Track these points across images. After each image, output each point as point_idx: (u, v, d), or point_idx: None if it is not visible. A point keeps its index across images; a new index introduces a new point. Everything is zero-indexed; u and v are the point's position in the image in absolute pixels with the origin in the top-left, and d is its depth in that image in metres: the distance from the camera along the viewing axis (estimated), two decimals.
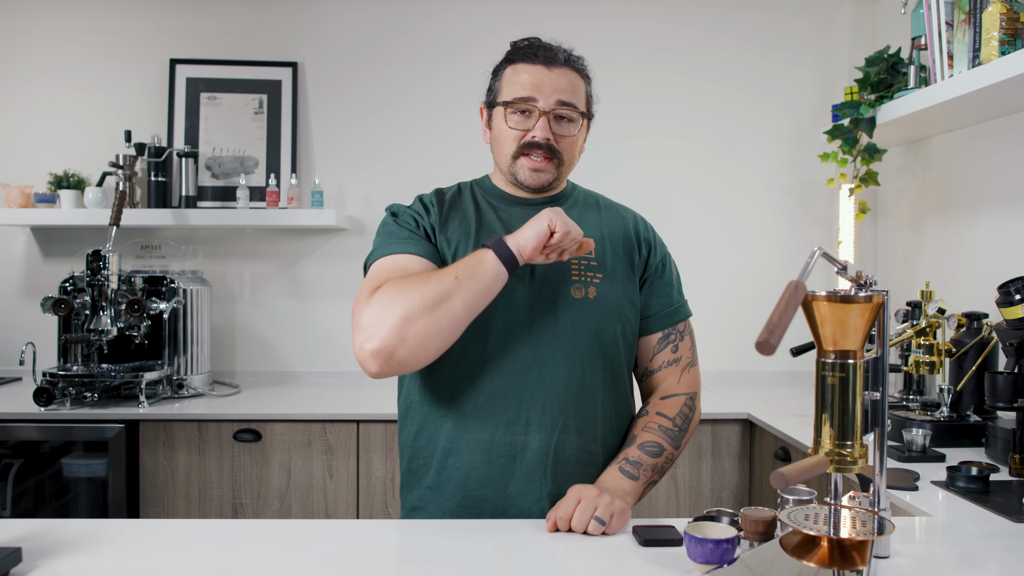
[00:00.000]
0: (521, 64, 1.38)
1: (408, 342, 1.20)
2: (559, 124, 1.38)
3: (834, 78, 2.98)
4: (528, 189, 1.42)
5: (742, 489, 2.43)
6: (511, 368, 1.34)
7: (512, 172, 1.40)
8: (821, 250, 0.96)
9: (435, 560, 1.14)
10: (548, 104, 1.36)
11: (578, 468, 1.36)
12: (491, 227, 1.41)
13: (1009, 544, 1.25)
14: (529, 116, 1.37)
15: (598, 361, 1.38)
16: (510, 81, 1.39)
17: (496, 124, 1.42)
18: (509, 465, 1.34)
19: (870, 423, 0.99)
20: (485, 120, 1.46)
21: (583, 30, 2.90)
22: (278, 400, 2.57)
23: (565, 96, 1.37)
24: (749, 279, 2.98)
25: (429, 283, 1.22)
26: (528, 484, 1.34)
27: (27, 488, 2.40)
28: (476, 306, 1.24)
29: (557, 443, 1.34)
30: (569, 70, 1.39)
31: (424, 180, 2.80)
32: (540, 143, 1.36)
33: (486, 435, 1.34)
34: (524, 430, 1.34)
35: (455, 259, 1.36)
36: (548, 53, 1.38)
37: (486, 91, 1.47)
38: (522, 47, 1.40)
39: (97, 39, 2.95)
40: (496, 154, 1.44)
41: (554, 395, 1.34)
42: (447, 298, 1.21)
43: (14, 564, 1.07)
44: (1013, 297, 1.74)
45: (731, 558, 1.05)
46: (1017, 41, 1.87)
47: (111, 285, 2.48)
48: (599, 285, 1.39)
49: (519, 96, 1.36)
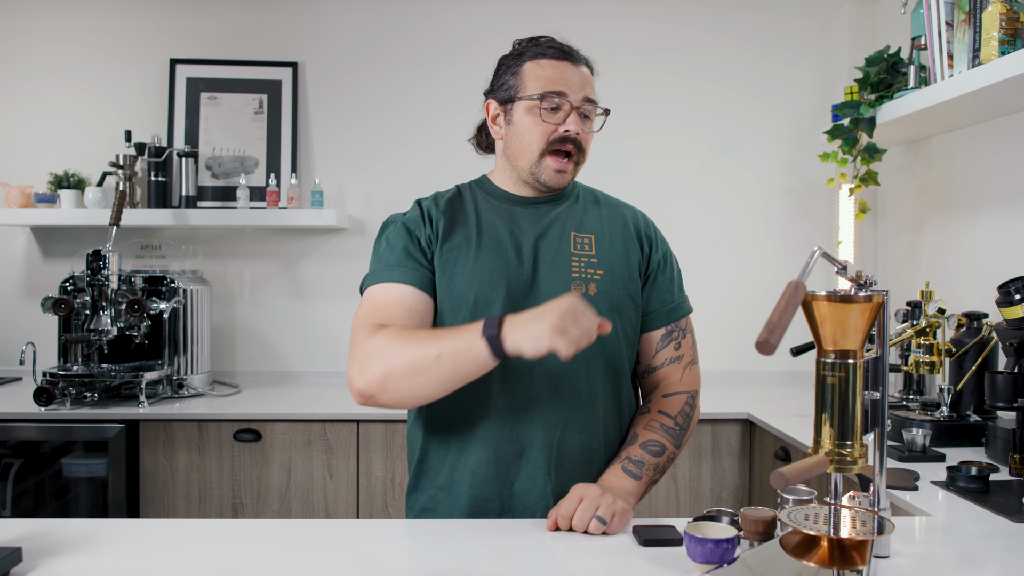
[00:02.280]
0: (546, 60, 1.37)
1: (387, 394, 1.24)
2: (583, 121, 1.38)
3: (834, 78, 2.98)
4: (548, 189, 1.41)
5: (742, 489, 2.43)
6: (517, 366, 1.33)
7: (535, 172, 1.38)
8: (821, 250, 0.96)
9: (435, 560, 1.14)
10: (577, 99, 1.36)
11: (580, 465, 1.36)
12: (492, 234, 1.39)
13: (1009, 544, 1.25)
14: (558, 111, 1.36)
15: (599, 358, 1.38)
16: (534, 76, 1.37)
17: (519, 119, 1.38)
18: (515, 462, 1.35)
19: (870, 423, 0.99)
20: (493, 116, 1.43)
21: (583, 30, 2.90)
22: (278, 400, 2.57)
23: (589, 93, 1.38)
24: (749, 279, 2.98)
25: (414, 350, 1.22)
26: (533, 481, 1.34)
27: (27, 488, 2.40)
28: (453, 384, 1.23)
29: (560, 440, 1.35)
30: (586, 68, 1.40)
31: (424, 180, 2.80)
32: (572, 138, 1.36)
33: (493, 432, 1.35)
34: (529, 427, 1.34)
35: (455, 271, 1.34)
36: (568, 49, 1.39)
37: (495, 87, 1.43)
38: (544, 42, 1.40)
39: (97, 39, 2.95)
40: (515, 151, 1.40)
41: (556, 392, 1.35)
42: (425, 371, 1.21)
43: (14, 564, 1.07)
44: (1013, 297, 1.74)
45: (731, 558, 1.05)
46: (1017, 41, 1.87)
47: (111, 285, 2.48)
48: (599, 282, 1.39)
49: (551, 90, 1.35)
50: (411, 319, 1.32)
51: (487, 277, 1.36)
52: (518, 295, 1.35)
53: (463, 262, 1.37)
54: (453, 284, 1.36)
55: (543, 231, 1.41)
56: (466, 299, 1.35)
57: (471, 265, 1.36)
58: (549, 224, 1.42)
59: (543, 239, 1.40)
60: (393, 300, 1.33)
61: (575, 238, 1.41)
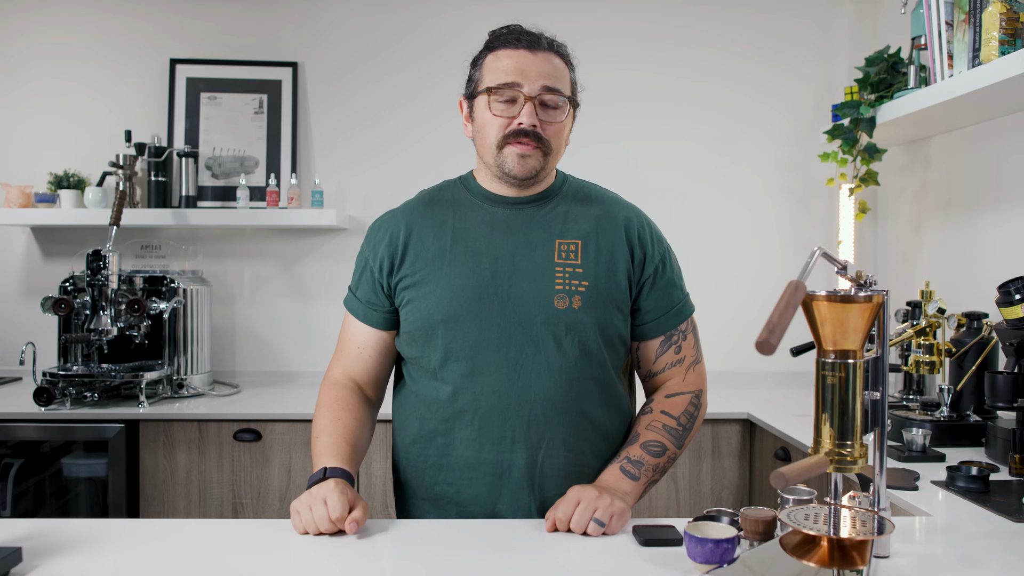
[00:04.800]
0: (503, 50, 1.33)
1: None
2: (545, 111, 1.32)
3: (834, 78, 2.98)
4: (515, 179, 1.33)
5: (742, 489, 2.43)
6: (494, 385, 1.31)
7: (498, 164, 1.33)
8: (821, 250, 0.96)
9: (434, 559, 1.14)
10: (533, 89, 1.29)
11: (566, 482, 1.33)
12: (468, 244, 1.35)
13: (1009, 544, 1.25)
14: (514, 103, 1.30)
15: (585, 372, 1.33)
16: (491, 68, 1.33)
17: (479, 114, 1.35)
18: (496, 484, 1.33)
19: (870, 423, 0.99)
20: (466, 114, 1.40)
21: (583, 31, 2.90)
22: (278, 400, 2.57)
23: (550, 81, 1.31)
24: (749, 279, 2.98)
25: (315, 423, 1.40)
26: (516, 502, 1.33)
27: (27, 488, 2.40)
28: None
29: (543, 459, 1.32)
30: (553, 55, 1.33)
31: (424, 181, 2.76)
32: (527, 130, 1.29)
33: (472, 454, 1.33)
34: (510, 447, 1.32)
35: (427, 289, 1.34)
36: (530, 37, 1.32)
37: (465, 84, 1.41)
38: (502, 33, 1.35)
39: (97, 39, 2.95)
40: (480, 146, 1.37)
41: (539, 410, 1.31)
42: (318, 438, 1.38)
43: (14, 564, 1.07)
44: (1013, 297, 1.74)
45: (731, 558, 1.05)
46: (1017, 41, 1.87)
47: (111, 285, 2.48)
48: (584, 294, 1.32)
49: (503, 82, 1.30)
50: (360, 356, 1.44)
51: (457, 295, 1.31)
52: (491, 311, 1.31)
53: (434, 279, 1.33)
54: (425, 301, 1.33)
55: (524, 237, 1.35)
56: (435, 318, 1.32)
57: (442, 283, 1.33)
58: (532, 229, 1.36)
59: (524, 248, 1.34)
60: (348, 334, 1.46)
61: (559, 246, 1.35)
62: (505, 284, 1.32)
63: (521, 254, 1.34)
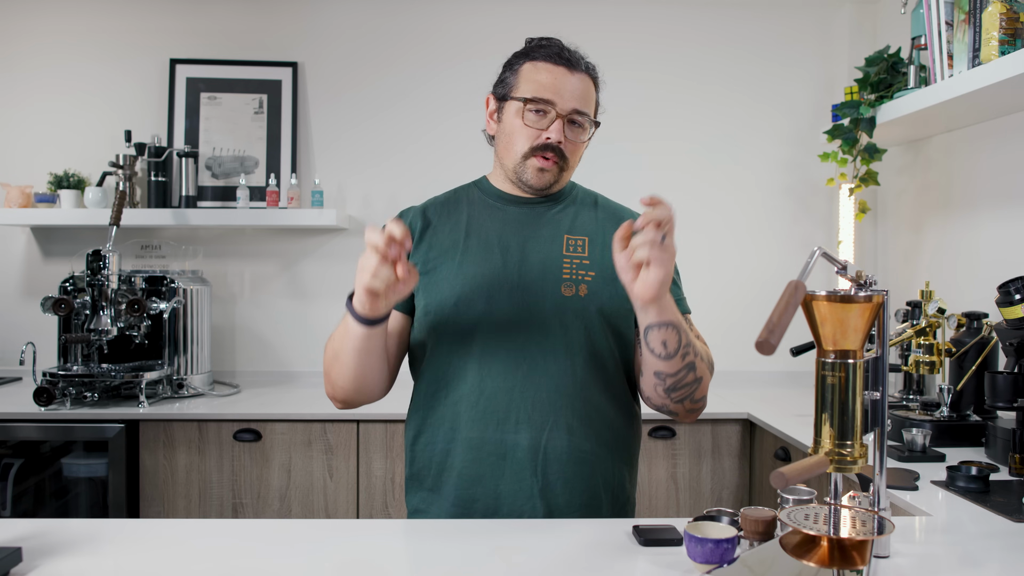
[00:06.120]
0: (543, 63, 1.37)
1: (336, 389, 1.38)
2: (571, 129, 1.38)
3: (834, 78, 2.99)
4: (531, 190, 1.41)
5: (742, 489, 2.43)
6: (500, 367, 1.34)
7: (518, 172, 1.39)
8: (821, 250, 0.96)
9: (434, 560, 1.14)
10: (565, 108, 1.35)
11: (570, 466, 1.34)
12: (481, 237, 1.40)
13: (1009, 544, 1.25)
14: (544, 116, 1.36)
15: (590, 358, 1.37)
16: (529, 78, 1.37)
17: (508, 119, 1.40)
18: (499, 464, 1.34)
19: (870, 423, 0.99)
20: (491, 111, 1.44)
21: (583, 31, 2.90)
22: (278, 400, 2.58)
23: (580, 104, 1.37)
24: (749, 279, 2.98)
25: (330, 346, 1.38)
26: (519, 483, 1.34)
27: (27, 488, 2.40)
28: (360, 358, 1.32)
29: (547, 441, 1.34)
30: (586, 77, 1.39)
31: (424, 181, 2.81)
32: (553, 145, 1.36)
33: (476, 434, 1.34)
34: (514, 428, 1.34)
35: (439, 275, 1.37)
36: (571, 56, 1.38)
37: (496, 81, 1.44)
38: (545, 44, 1.39)
39: (97, 39, 2.95)
40: (502, 149, 1.42)
41: (544, 393, 1.34)
42: (338, 356, 1.34)
43: (14, 564, 1.07)
44: (1013, 297, 1.74)
45: (731, 558, 1.05)
46: (1017, 41, 1.87)
47: (111, 285, 2.48)
48: (591, 283, 1.38)
49: (539, 96, 1.35)
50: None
51: (469, 280, 1.36)
52: (500, 296, 1.35)
53: (447, 266, 1.38)
54: (437, 288, 1.37)
55: (534, 232, 1.41)
56: (447, 302, 1.36)
57: (455, 269, 1.38)
58: (542, 226, 1.42)
59: (534, 240, 1.40)
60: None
61: (568, 240, 1.40)
62: (515, 273, 1.37)
63: (531, 246, 1.39)
